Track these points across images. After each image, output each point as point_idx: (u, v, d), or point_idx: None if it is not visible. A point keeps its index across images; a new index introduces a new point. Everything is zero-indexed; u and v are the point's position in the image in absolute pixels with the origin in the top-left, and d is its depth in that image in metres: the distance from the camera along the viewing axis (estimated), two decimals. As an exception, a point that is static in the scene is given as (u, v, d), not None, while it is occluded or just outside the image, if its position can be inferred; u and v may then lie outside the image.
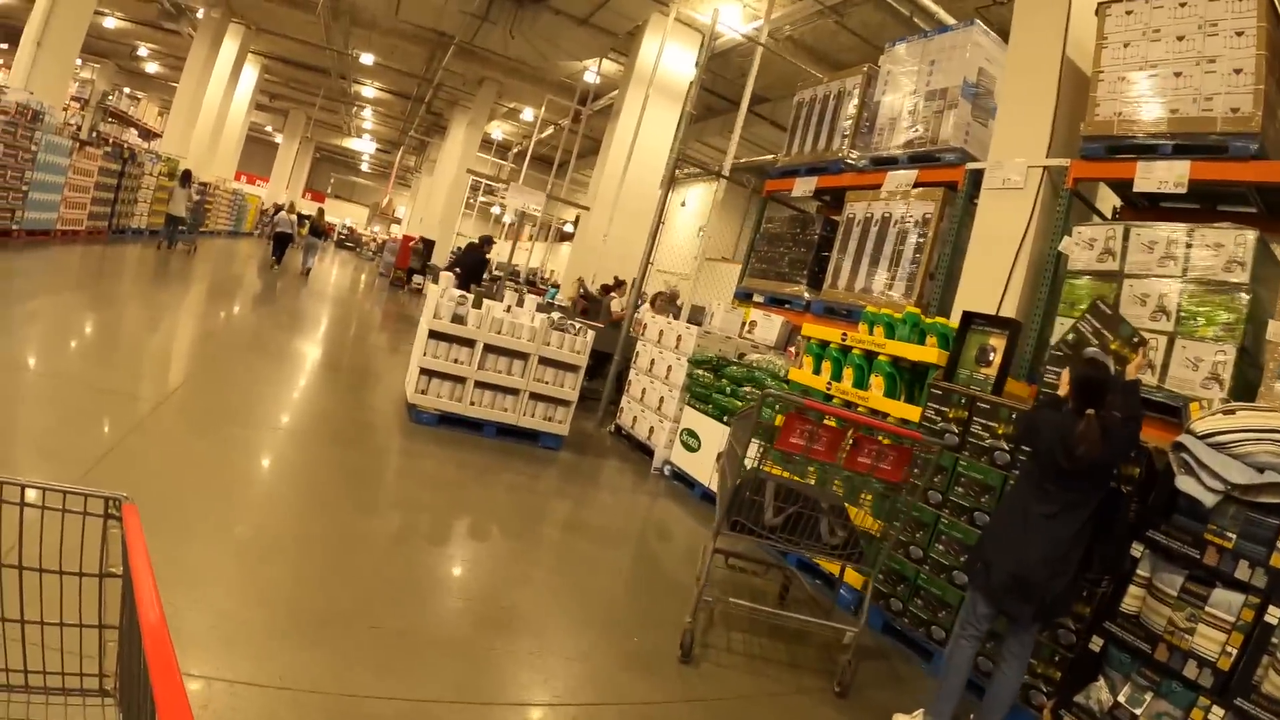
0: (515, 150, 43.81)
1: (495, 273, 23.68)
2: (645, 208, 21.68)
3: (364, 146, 65.39)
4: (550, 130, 35.71)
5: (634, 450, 11.96)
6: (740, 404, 9.68)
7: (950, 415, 6.82)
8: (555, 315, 10.75)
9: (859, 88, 11.43)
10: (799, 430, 5.46)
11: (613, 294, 18.27)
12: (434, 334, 9.89)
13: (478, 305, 10.11)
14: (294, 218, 31.83)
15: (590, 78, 26.56)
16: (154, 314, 13.96)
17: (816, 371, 8.86)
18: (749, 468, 5.87)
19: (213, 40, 34.00)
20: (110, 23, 39.15)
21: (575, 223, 50.52)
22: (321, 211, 34.67)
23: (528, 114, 37.94)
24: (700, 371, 10.72)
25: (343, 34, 32.55)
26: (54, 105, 18.40)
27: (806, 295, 11.36)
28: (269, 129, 66.29)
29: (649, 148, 21.44)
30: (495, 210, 54.99)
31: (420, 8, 24.66)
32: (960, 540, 6.38)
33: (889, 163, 10.49)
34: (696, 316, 12.99)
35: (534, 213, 11.93)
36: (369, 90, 44.29)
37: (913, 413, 7.39)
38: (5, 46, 34.09)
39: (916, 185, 9.84)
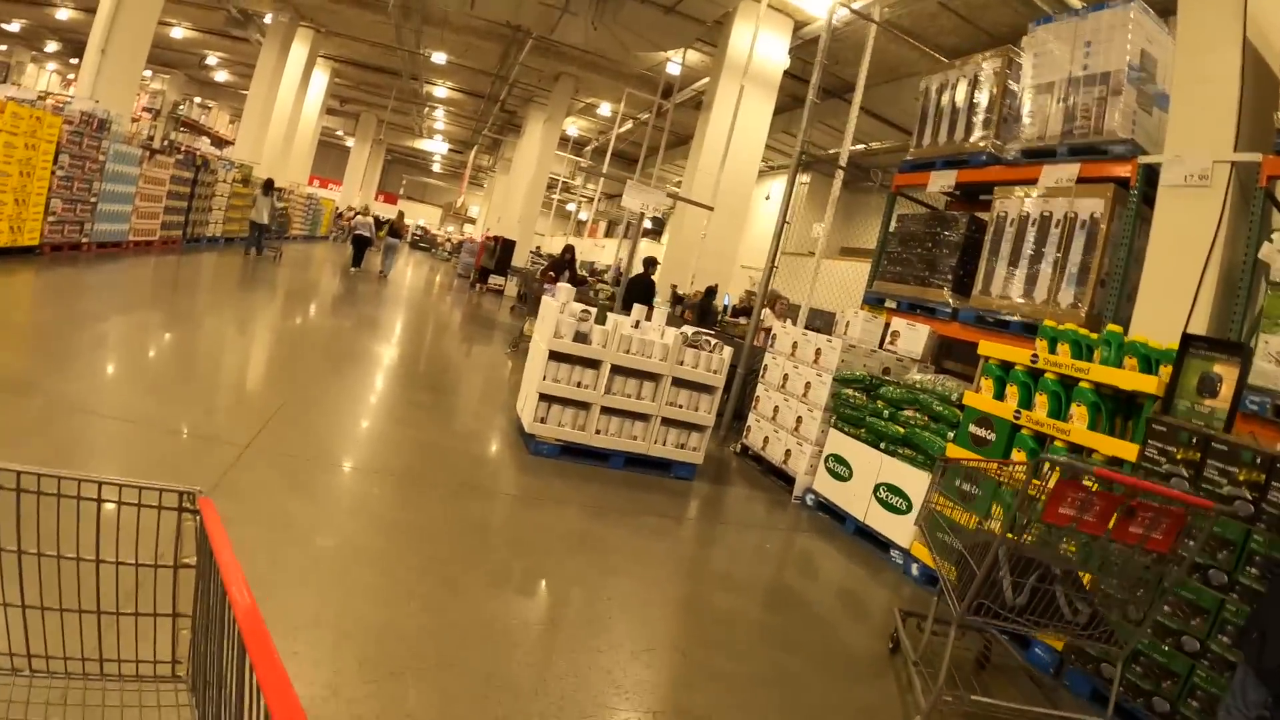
0: (591, 147, 42.73)
1: (580, 273, 22.79)
2: (741, 204, 20.71)
3: (436, 147, 64.85)
4: (629, 125, 34.55)
5: (766, 474, 10.79)
6: (899, 429, 8.60)
7: (1179, 456, 5.60)
8: (688, 330, 9.57)
9: (998, 72, 10.31)
10: (1071, 498, 4.25)
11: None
12: (555, 355, 8.77)
13: (601, 320, 9.03)
14: (372, 220, 32.65)
15: (673, 69, 25.65)
16: (239, 328, 13.41)
17: (999, 396, 7.65)
18: (988, 537, 4.78)
19: (281, 45, 33.52)
20: (178, 33, 39.19)
21: (656, 219, 49.91)
22: (401, 214, 34.59)
23: (605, 109, 36.90)
24: (850, 391, 9.53)
25: (414, 33, 31.74)
26: (121, 113, 17.64)
27: (952, 302, 10.18)
28: (340, 133, 66.10)
29: (742, 141, 20.38)
30: (570, 208, 53.79)
31: (496, 1, 23.29)
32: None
33: (1044, 155, 9.35)
34: (815, 322, 11.85)
35: (654, 214, 10.65)
36: (440, 90, 43.68)
37: (1126, 450, 6.22)
38: (76, 61, 33.61)
39: (1079, 180, 8.73)
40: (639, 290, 16.98)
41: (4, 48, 48.20)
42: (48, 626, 2.32)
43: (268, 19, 33.63)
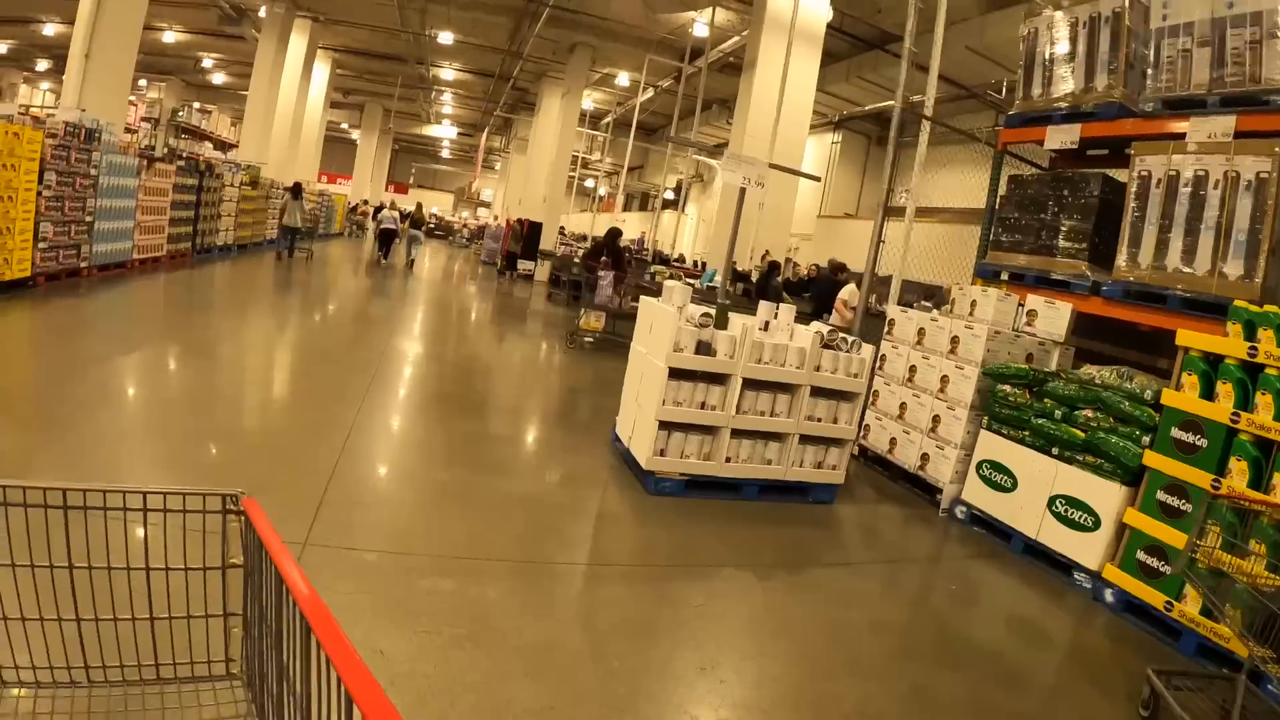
0: (610, 119, 41.05)
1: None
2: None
3: (444, 132, 63.37)
4: (650, 93, 32.86)
5: (895, 480, 9.42)
6: (1078, 433, 7.24)
7: None
8: (825, 329, 7.91)
9: (1119, 11, 8.97)
10: None
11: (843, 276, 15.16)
12: (675, 373, 7.25)
13: (721, 325, 7.54)
14: (396, 214, 33.24)
15: (700, 30, 24.06)
16: (269, 350, 12.22)
17: (1207, 395, 6.35)
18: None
19: (279, 38, 32.07)
20: (170, 36, 38.01)
21: (678, 190, 48.25)
22: (419, 205, 34.99)
23: (623, 79, 35.18)
24: (1007, 388, 8.01)
25: (418, 13, 30.48)
26: (113, 121, 16.01)
27: (1091, 275, 8.84)
28: (345, 125, 65.05)
29: (790, 100, 18.78)
30: (590, 184, 52.10)
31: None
32: None
33: (1190, 106, 8.08)
34: (908, 297, 10.25)
35: (756, 187, 8.96)
36: (448, 73, 42.12)
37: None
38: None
39: (1237, 135, 7.46)
40: (826, 288, 15.82)
41: None
42: (103, 636, 2.44)
43: (262, 12, 32.30)
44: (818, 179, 12.94)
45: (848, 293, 13.79)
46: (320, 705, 1.71)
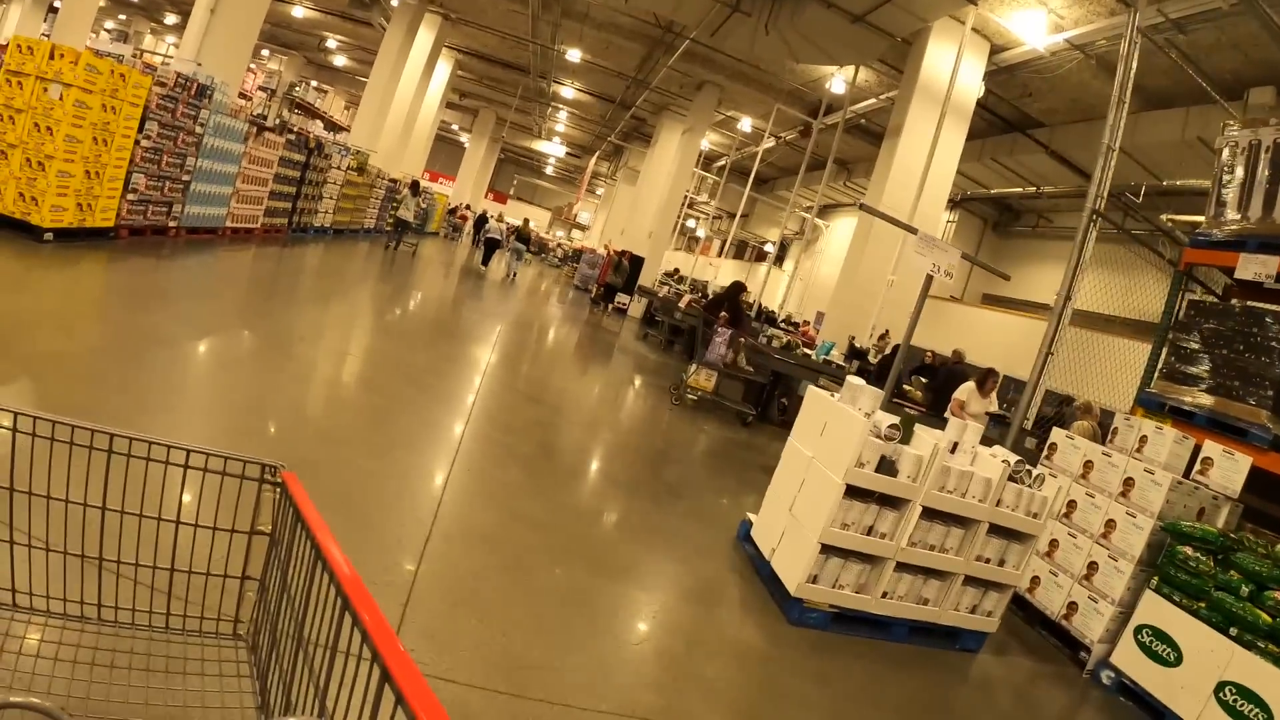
0: (723, 162, 40.07)
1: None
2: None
3: (553, 149, 62.62)
4: (771, 143, 31.86)
5: (1030, 623, 8.17)
6: (1266, 618, 6.12)
7: None
8: (1012, 458, 6.70)
9: None
10: None
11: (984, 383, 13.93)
12: (852, 491, 6.07)
13: (906, 440, 6.35)
14: (504, 226, 35.82)
15: (838, 87, 23.10)
16: (368, 350, 11.20)
17: None
18: None
19: (408, 30, 31.66)
20: (299, 12, 38.09)
21: (780, 245, 47.20)
22: (526, 221, 36.72)
23: (745, 124, 34.09)
24: (1189, 550, 6.85)
25: (550, 26, 29.76)
26: (228, 82, 15.16)
27: (1273, 428, 7.81)
28: (455, 127, 64.92)
29: (930, 173, 18.15)
30: (690, 224, 51.18)
31: (657, -7, 20.49)
32: None
33: None
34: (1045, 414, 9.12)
35: (945, 278, 7.71)
36: (568, 91, 41.49)
37: None
38: None
39: None
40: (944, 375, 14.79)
41: (123, 17, 48.14)
42: (121, 579, 2.53)
43: (394, 0, 31.73)
44: (1008, 278, 11.71)
45: (965, 393, 12.58)
46: (342, 679, 1.71)
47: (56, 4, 25.94)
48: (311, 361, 9.66)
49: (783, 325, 25.69)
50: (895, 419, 6.24)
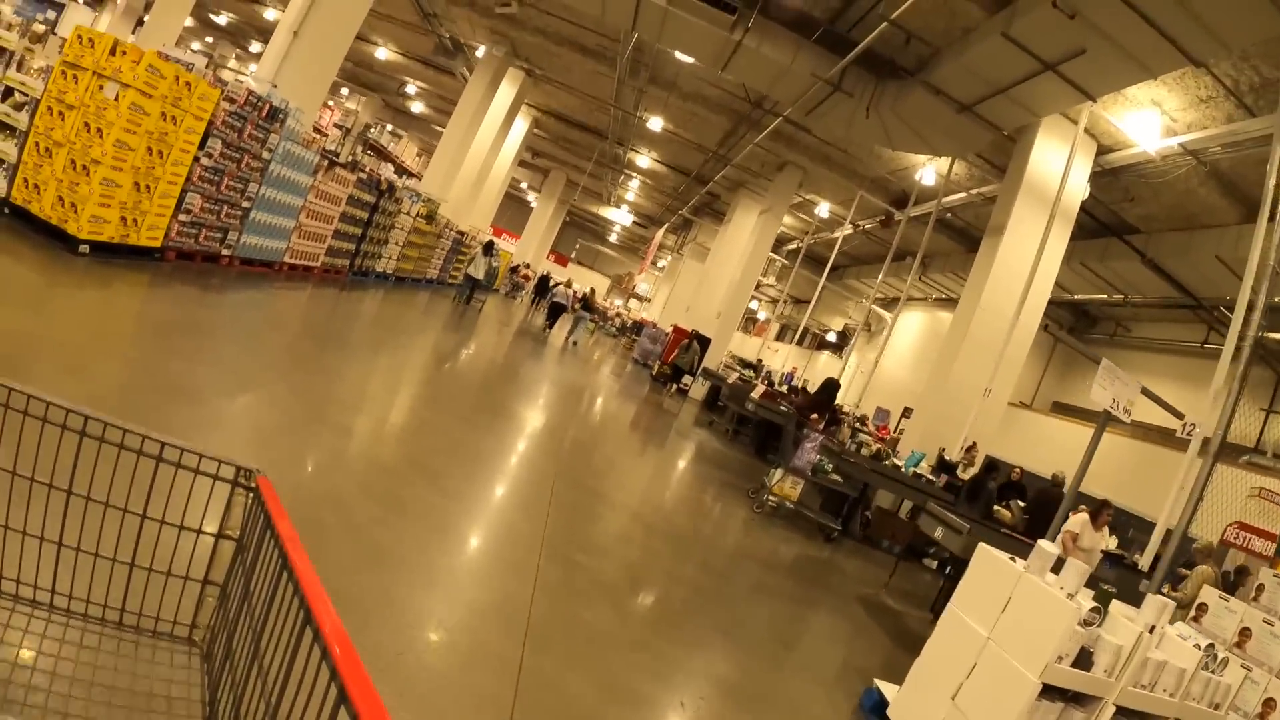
0: (795, 245, 38.95)
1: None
2: (1019, 352, 16.97)
3: (619, 217, 62.13)
4: (849, 230, 30.67)
5: None
6: None
7: None
8: (1202, 640, 5.34)
9: None
10: None
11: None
12: (1049, 690, 4.78)
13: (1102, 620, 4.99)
14: (571, 292, 36.62)
15: (928, 178, 22.09)
16: (433, 421, 10.07)
17: None
18: None
19: (490, 82, 31.34)
20: (382, 53, 38.19)
21: (842, 333, 46.04)
22: (593, 291, 38.37)
23: (821, 209, 33.09)
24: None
25: (635, 92, 29.14)
26: (303, 109, 14.08)
27: None
28: (524, 185, 64.82)
29: (1021, 274, 17.00)
30: (752, 305, 50.04)
31: (756, 68, 19.80)
32: None
33: None
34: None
35: (1122, 416, 6.32)
36: (644, 160, 40.90)
37: None
38: None
39: None
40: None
41: (210, 40, 48.35)
42: (79, 568, 2.38)
43: (480, 52, 31.60)
44: (1180, 416, 10.26)
45: (1078, 525, 11.12)
46: (297, 693, 1.67)
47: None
48: (357, 437, 8.19)
49: (862, 426, 24.38)
50: (1099, 609, 4.91)
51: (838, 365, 45.98)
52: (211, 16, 46.17)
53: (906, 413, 30.43)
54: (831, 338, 46.96)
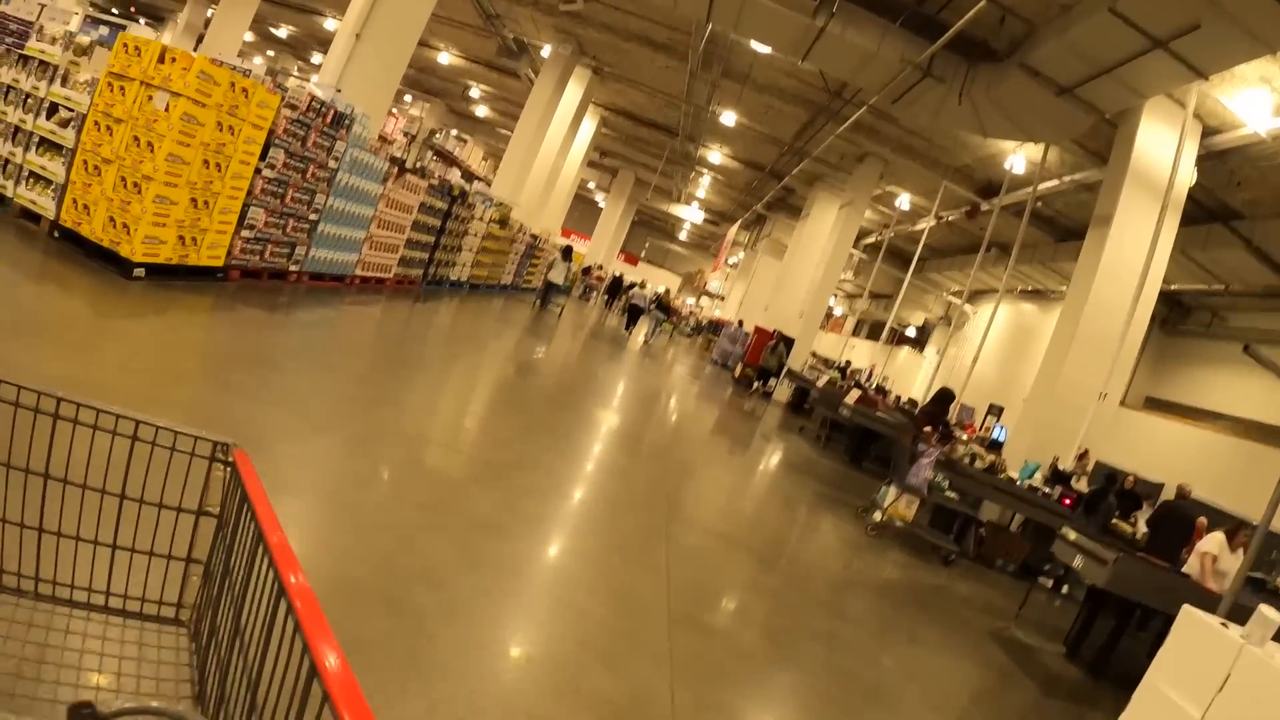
0: (874, 238, 37.82)
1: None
2: (1129, 353, 16.01)
3: (690, 214, 61.38)
4: (932, 221, 29.54)
5: None
6: None
7: None
8: None
9: None
10: None
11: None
12: None
13: None
14: (647, 294, 37.88)
15: (1018, 166, 21.12)
16: (526, 452, 9.18)
17: None
18: None
19: (558, 81, 30.73)
20: (445, 58, 37.95)
21: (922, 328, 44.73)
22: (668, 291, 38.13)
23: (901, 201, 31.90)
24: None
25: (708, 86, 28.16)
26: (370, 114, 13.29)
27: None
28: (591, 185, 64.25)
29: (1138, 267, 15.99)
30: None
31: (839, 55, 18.78)
32: None
33: None
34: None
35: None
36: (715, 155, 39.92)
37: None
38: None
39: None
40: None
41: (271, 53, 48.54)
42: (61, 552, 2.33)
43: (546, 51, 30.99)
44: None
45: (1215, 545, 10.05)
46: (276, 668, 1.65)
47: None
48: (445, 482, 7.18)
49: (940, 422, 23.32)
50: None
51: (918, 361, 44.84)
52: (271, 30, 46.59)
53: (994, 410, 29.22)
54: (911, 333, 45.61)
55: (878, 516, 11.97)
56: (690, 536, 8.49)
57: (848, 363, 32.80)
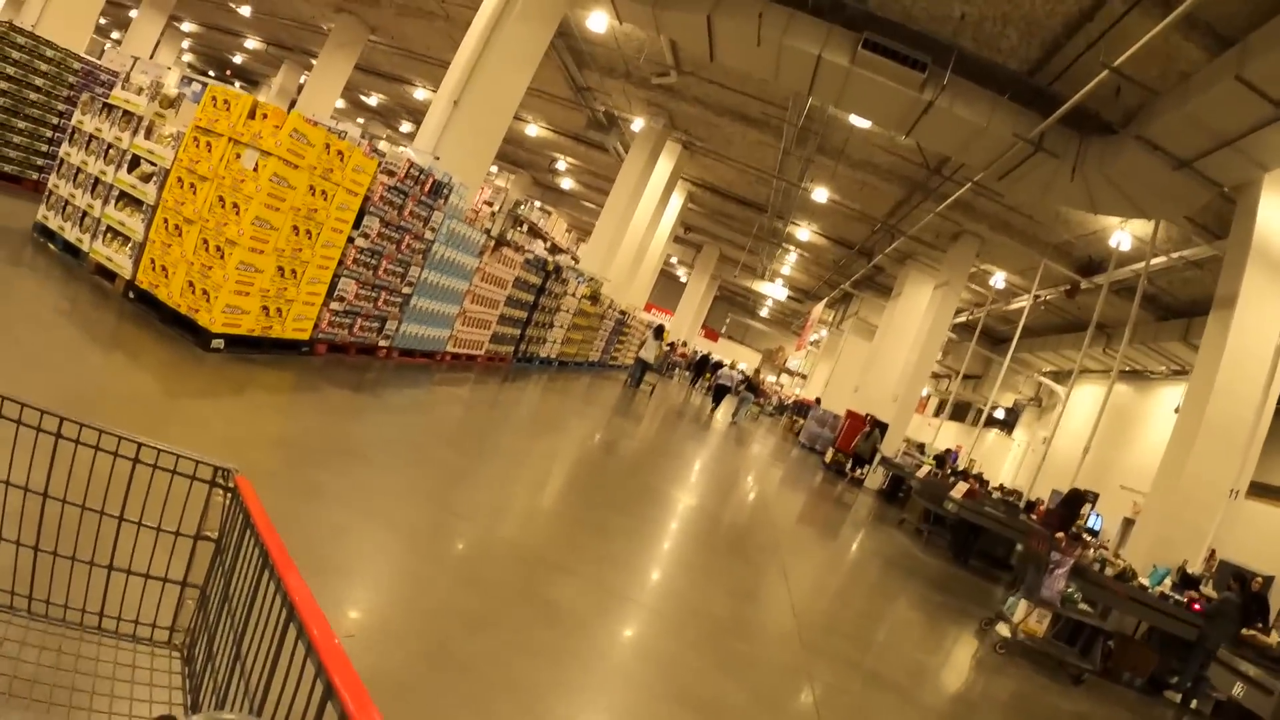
0: (959, 319, 36.79)
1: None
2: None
3: (773, 291, 60.77)
4: (1025, 301, 28.48)
5: None
6: None
7: None
8: None
9: None
10: None
11: None
12: None
13: None
14: (735, 374, 37.47)
15: (1124, 242, 20.55)
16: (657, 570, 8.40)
17: None
18: None
19: (650, 155, 30.42)
20: (532, 130, 38.44)
21: (1011, 410, 43.29)
22: (757, 371, 38.13)
23: (995, 280, 30.75)
24: None
25: (801, 163, 27.64)
26: (468, 184, 12.71)
27: None
28: (673, 260, 63.66)
29: (1260, 353, 14.95)
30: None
31: (945, 130, 18.14)
32: None
33: None
34: None
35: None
36: (803, 232, 39.23)
37: None
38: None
39: None
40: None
41: (360, 120, 48.99)
42: (56, 572, 2.33)
43: (636, 125, 30.67)
44: None
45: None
46: (281, 692, 1.64)
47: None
48: (563, 614, 6.25)
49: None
50: None
51: (1006, 444, 43.37)
52: (362, 97, 47.58)
53: (1089, 496, 28.01)
54: (999, 414, 44.06)
55: (1005, 631, 10.95)
56: (848, 683, 7.65)
57: (947, 450, 31.47)
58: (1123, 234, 20.76)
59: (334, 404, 9.24)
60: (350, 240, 10.43)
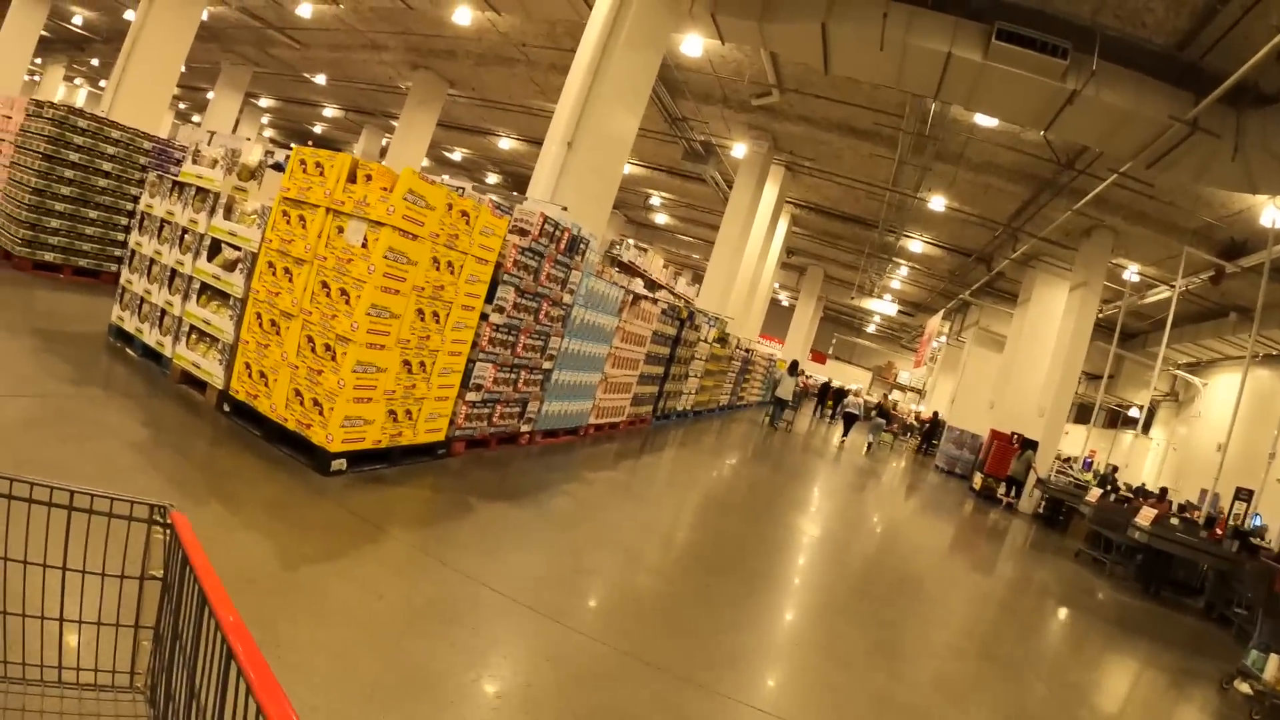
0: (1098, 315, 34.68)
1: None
2: None
3: (882, 308, 58.77)
4: (1164, 292, 26.38)
5: None
6: None
7: None
8: None
9: None
10: None
11: None
12: None
13: None
14: (862, 401, 36.44)
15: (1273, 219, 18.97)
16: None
17: None
18: None
19: (757, 181, 28.99)
20: (626, 168, 34.65)
21: (1149, 409, 40.56)
22: (886, 396, 37.76)
23: (1128, 273, 28.64)
24: None
25: (919, 171, 25.96)
26: (594, 233, 11.12)
27: None
28: (777, 285, 60.64)
29: None
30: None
31: (1089, 120, 16.47)
32: None
33: None
34: None
35: None
36: (916, 244, 37.58)
37: None
38: (516, 194, 30.97)
39: None
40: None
41: (446, 176, 48.37)
42: (9, 632, 2.32)
43: (737, 151, 29.39)
44: None
45: None
46: None
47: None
48: None
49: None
50: None
51: (1144, 445, 40.62)
52: (445, 154, 47.69)
53: (1242, 495, 25.54)
54: (1133, 413, 41.28)
55: (1246, 688, 9.00)
56: None
57: (1113, 468, 29.20)
58: (1276, 210, 18.73)
59: (482, 523, 7.12)
60: (484, 317, 8.89)
